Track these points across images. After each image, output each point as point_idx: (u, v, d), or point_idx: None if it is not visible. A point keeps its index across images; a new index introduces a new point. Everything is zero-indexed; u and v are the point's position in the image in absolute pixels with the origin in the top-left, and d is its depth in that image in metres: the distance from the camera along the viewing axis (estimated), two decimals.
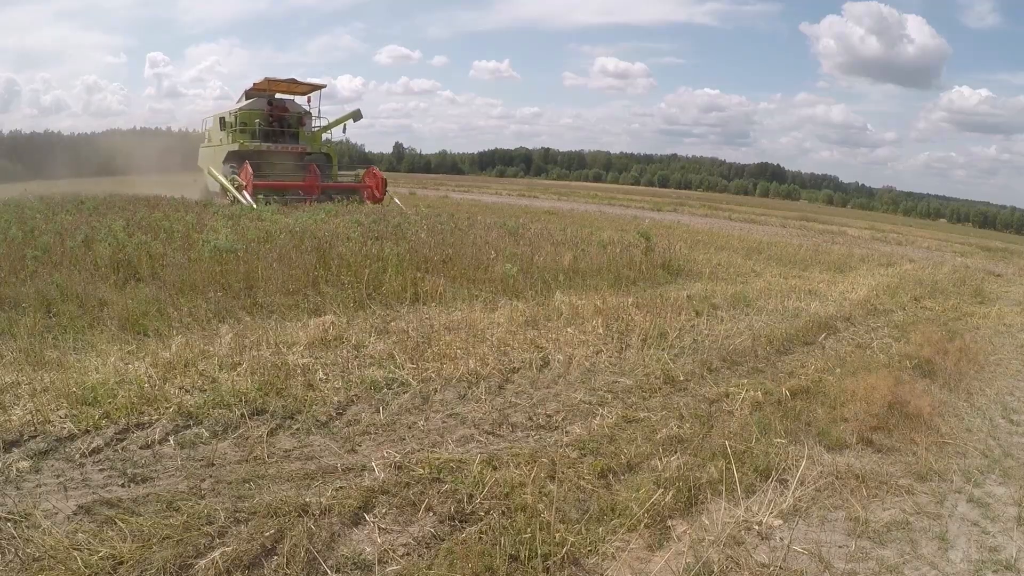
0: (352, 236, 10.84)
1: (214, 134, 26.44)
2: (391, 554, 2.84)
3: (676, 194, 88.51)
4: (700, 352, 6.38)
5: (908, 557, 3.32)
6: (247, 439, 3.82)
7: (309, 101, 25.94)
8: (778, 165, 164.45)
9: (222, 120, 24.94)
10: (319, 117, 25.95)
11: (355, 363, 5.21)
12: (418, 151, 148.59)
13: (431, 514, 3.18)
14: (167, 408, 4.03)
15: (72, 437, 3.68)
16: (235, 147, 23.02)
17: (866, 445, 4.67)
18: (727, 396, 5.33)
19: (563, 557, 2.93)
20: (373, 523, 3.06)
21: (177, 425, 3.89)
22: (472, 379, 5.13)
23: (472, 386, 5.01)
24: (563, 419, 4.58)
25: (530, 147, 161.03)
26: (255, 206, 17.83)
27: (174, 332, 5.58)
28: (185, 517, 2.88)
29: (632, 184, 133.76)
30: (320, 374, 4.89)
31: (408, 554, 2.86)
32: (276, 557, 2.75)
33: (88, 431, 3.74)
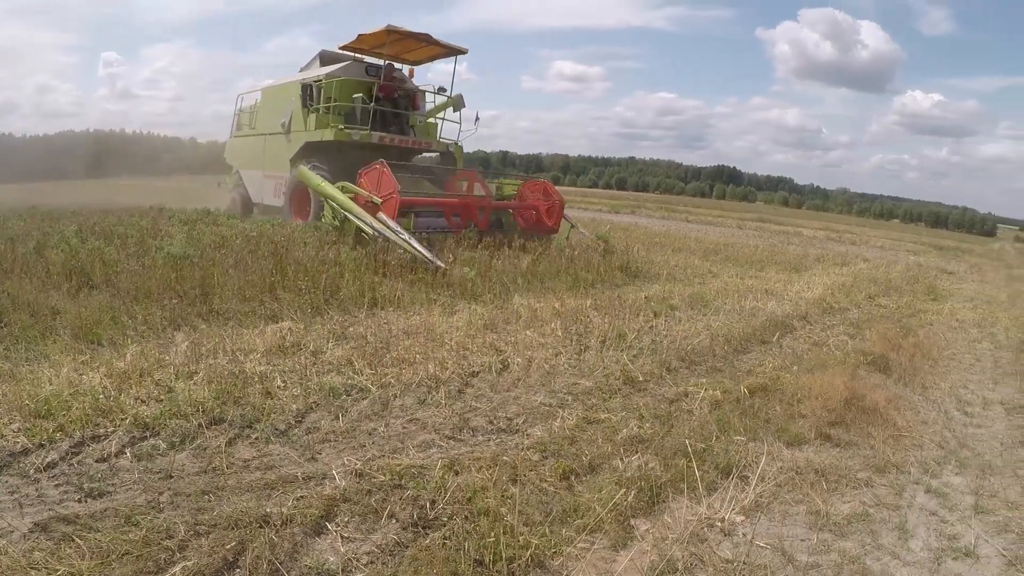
0: (309, 241, 10.76)
1: (265, 116, 17.07)
2: (355, 563, 2.83)
3: (634, 196, 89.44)
4: (659, 353, 6.45)
5: (869, 548, 3.41)
6: (205, 449, 3.76)
7: (411, 76, 16.27)
8: (734, 168, 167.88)
9: (308, 91, 14.67)
10: (443, 93, 15.91)
11: (313, 370, 5.16)
12: None
13: (394, 521, 3.18)
14: (123, 420, 3.95)
15: (26, 452, 3.59)
16: (327, 136, 13.88)
17: (824, 440, 4.78)
18: (686, 395, 5.41)
19: (528, 560, 2.95)
20: (336, 532, 3.05)
21: (133, 437, 3.82)
22: (432, 384, 5.13)
23: (432, 391, 5.00)
24: (524, 422, 4.60)
25: (488, 150, 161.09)
26: (416, 247, 9.95)
27: (129, 341, 5.47)
28: (144, 532, 2.84)
29: (590, 187, 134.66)
30: (278, 382, 4.84)
31: (372, 562, 2.86)
32: (238, 570, 2.72)
33: (43, 445, 3.65)
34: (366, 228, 10.80)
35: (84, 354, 5.10)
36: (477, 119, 16.39)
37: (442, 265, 9.78)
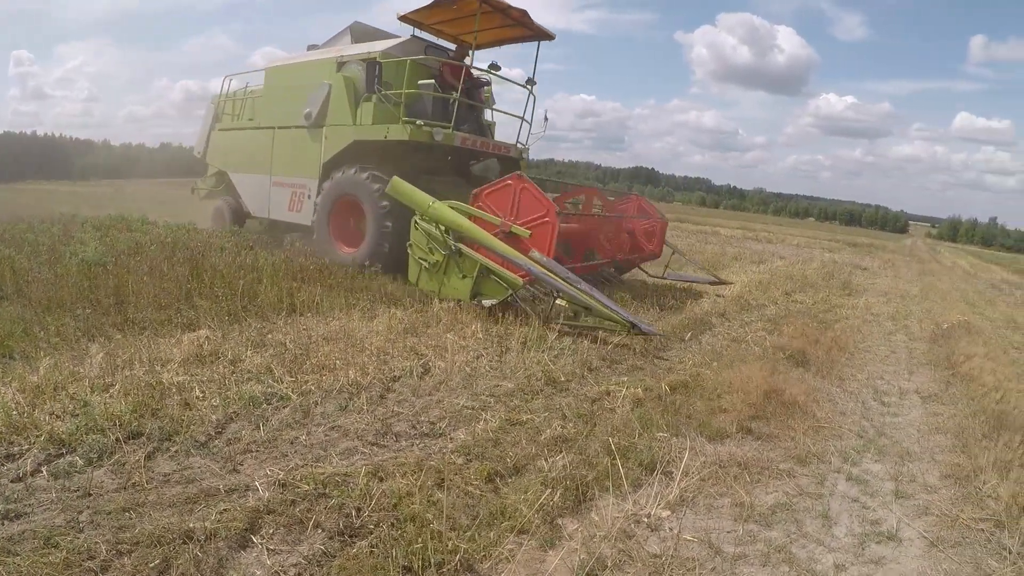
0: (226, 246, 10.54)
1: (275, 104, 13.00)
2: (282, 575, 2.85)
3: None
4: (580, 352, 6.61)
5: (794, 536, 3.61)
6: (124, 465, 3.70)
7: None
8: (652, 169, 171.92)
9: (375, 70, 10.18)
10: (531, 87, 12.25)
11: (232, 379, 5.11)
12: None
13: (320, 531, 3.20)
14: (38, 436, 3.84)
15: None
16: (398, 134, 10.05)
17: (746, 434, 5.01)
18: (608, 394, 5.57)
19: (457, 564, 3.00)
20: (261, 544, 3.05)
21: (49, 454, 3.73)
22: (353, 390, 5.15)
23: (353, 397, 5.02)
24: (447, 425, 4.67)
25: None
26: (608, 303, 7.70)
27: (41, 353, 5.28)
28: (65, 553, 2.79)
29: None
30: (197, 392, 4.77)
31: (300, 574, 2.88)
32: None
33: None
34: (507, 275, 7.87)
35: None
36: (546, 119, 13.41)
37: (659, 332, 7.75)
